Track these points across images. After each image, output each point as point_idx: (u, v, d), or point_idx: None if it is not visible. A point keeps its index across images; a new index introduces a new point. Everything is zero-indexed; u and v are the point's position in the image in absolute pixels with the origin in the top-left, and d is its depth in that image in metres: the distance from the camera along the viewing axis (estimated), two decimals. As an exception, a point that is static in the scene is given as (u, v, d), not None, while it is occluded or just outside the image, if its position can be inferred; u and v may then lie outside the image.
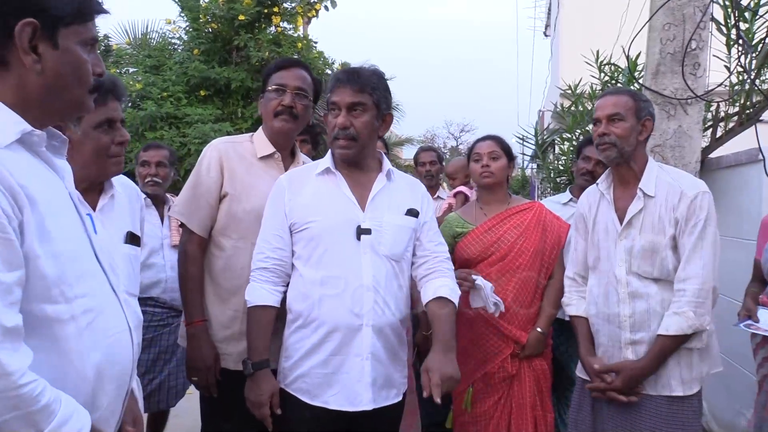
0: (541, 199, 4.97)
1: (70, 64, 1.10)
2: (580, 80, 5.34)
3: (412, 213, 2.03)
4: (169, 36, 9.51)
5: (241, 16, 8.25)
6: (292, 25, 9.11)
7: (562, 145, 6.05)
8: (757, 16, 3.40)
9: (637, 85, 3.73)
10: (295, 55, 8.27)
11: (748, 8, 3.42)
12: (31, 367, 0.97)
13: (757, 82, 3.44)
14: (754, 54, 3.36)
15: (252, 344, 1.93)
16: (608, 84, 4.58)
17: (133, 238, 1.83)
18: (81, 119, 1.66)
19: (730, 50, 3.48)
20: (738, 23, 3.39)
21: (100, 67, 1.17)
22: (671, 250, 2.10)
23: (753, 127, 3.39)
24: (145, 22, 9.86)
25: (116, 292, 1.20)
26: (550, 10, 17.98)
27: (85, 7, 1.12)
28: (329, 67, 8.99)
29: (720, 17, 3.47)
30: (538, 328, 2.50)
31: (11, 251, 0.96)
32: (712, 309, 2.08)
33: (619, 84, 4.42)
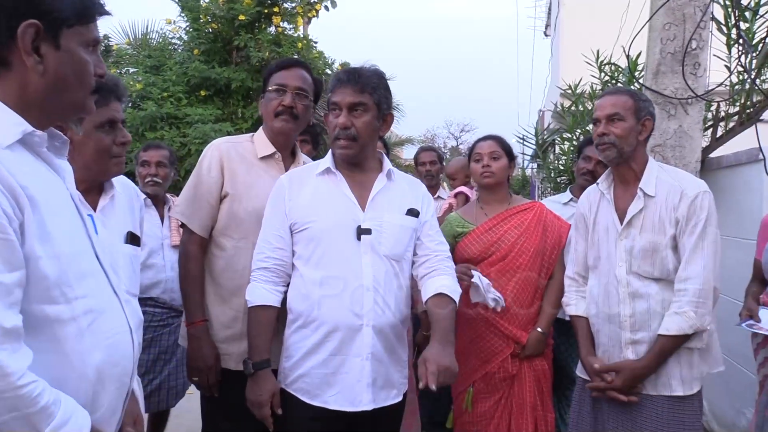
0: (542, 199, 4.97)
1: (72, 66, 1.10)
2: (581, 80, 5.33)
3: (413, 213, 2.02)
4: (169, 36, 9.54)
5: (242, 16, 8.26)
6: (293, 25, 9.12)
7: (563, 145, 6.05)
8: (758, 16, 3.39)
9: (637, 84, 3.73)
10: (296, 55, 8.28)
11: (748, 8, 3.41)
12: (32, 367, 0.97)
13: (758, 82, 3.44)
14: (755, 54, 3.36)
15: (253, 344, 1.93)
16: (608, 84, 4.57)
17: (133, 238, 1.83)
18: (82, 120, 1.65)
19: (730, 50, 3.48)
20: (738, 23, 3.39)
21: (102, 68, 1.18)
22: (671, 249, 2.10)
23: (753, 127, 3.40)
24: (146, 22, 9.90)
25: (117, 293, 1.20)
26: (550, 10, 17.98)
27: (88, 9, 1.12)
28: (329, 67, 9.00)
29: (720, 17, 3.47)
30: (539, 328, 2.50)
31: (11, 252, 0.96)
32: (713, 309, 2.08)
33: (620, 84, 4.41)
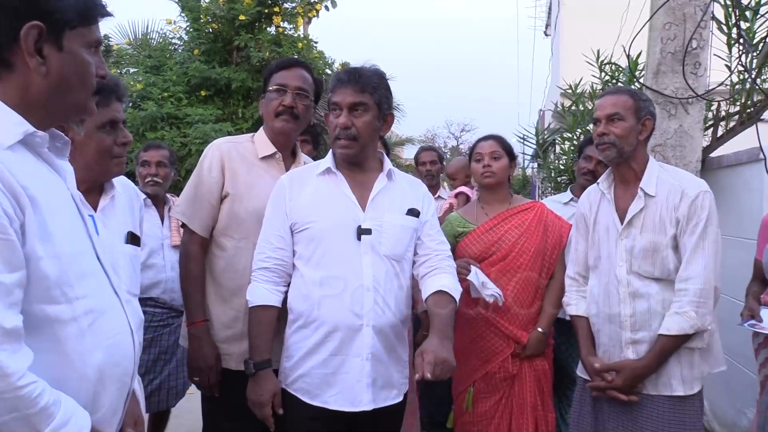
0: (542, 199, 4.97)
1: (75, 67, 1.10)
2: (581, 80, 5.33)
3: (413, 213, 2.02)
4: (169, 36, 9.54)
5: (242, 16, 8.26)
6: (293, 25, 9.12)
7: (563, 145, 6.06)
8: (758, 15, 3.39)
9: (637, 84, 3.73)
10: (296, 55, 8.28)
11: (749, 7, 3.41)
12: (33, 367, 0.97)
13: (758, 82, 3.44)
14: (755, 53, 3.36)
15: (254, 344, 1.93)
16: (609, 83, 4.57)
17: (133, 238, 1.83)
18: (84, 120, 1.66)
19: (730, 49, 3.48)
20: (739, 22, 3.39)
21: (103, 69, 1.18)
22: (672, 249, 2.10)
23: (754, 127, 3.39)
24: (146, 22, 9.90)
25: (117, 293, 1.20)
26: (550, 10, 17.98)
27: (90, 10, 1.12)
28: (329, 67, 9.00)
29: (721, 16, 3.46)
30: (539, 328, 2.50)
31: (12, 252, 0.96)
32: (714, 309, 2.08)
33: (620, 83, 4.41)
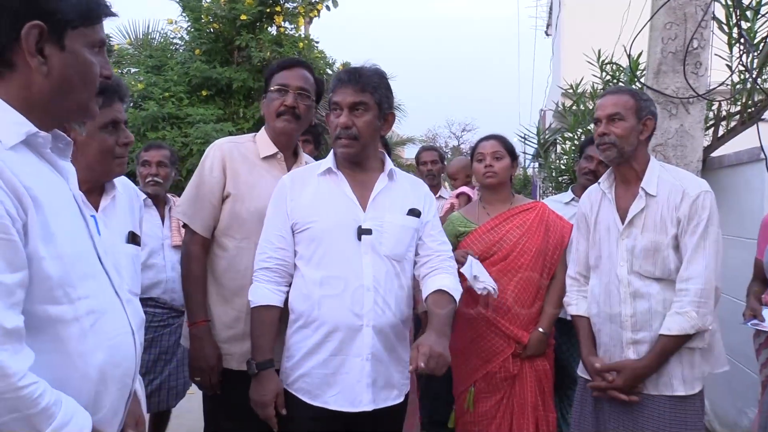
0: (543, 199, 4.97)
1: (77, 67, 1.10)
2: (582, 79, 5.33)
3: (414, 213, 2.02)
4: (170, 36, 9.55)
5: (243, 16, 8.26)
6: (294, 25, 9.13)
7: (564, 145, 6.05)
8: (759, 15, 3.39)
9: (638, 84, 3.73)
10: (297, 55, 8.28)
11: (749, 7, 3.41)
12: (34, 367, 0.97)
13: (759, 81, 3.44)
14: (756, 53, 3.35)
15: (256, 344, 1.93)
16: (610, 83, 4.57)
17: (134, 238, 1.84)
18: (86, 121, 1.66)
19: (731, 49, 3.47)
20: (740, 22, 3.39)
21: (108, 70, 1.17)
22: (673, 249, 2.10)
23: (755, 126, 3.39)
24: (147, 22, 9.92)
25: (119, 294, 1.20)
26: (551, 10, 17.98)
27: (93, 10, 1.12)
28: (330, 67, 9.00)
29: (721, 16, 3.46)
30: (540, 328, 2.50)
31: (14, 253, 0.96)
32: (715, 309, 2.08)
33: (621, 83, 4.41)
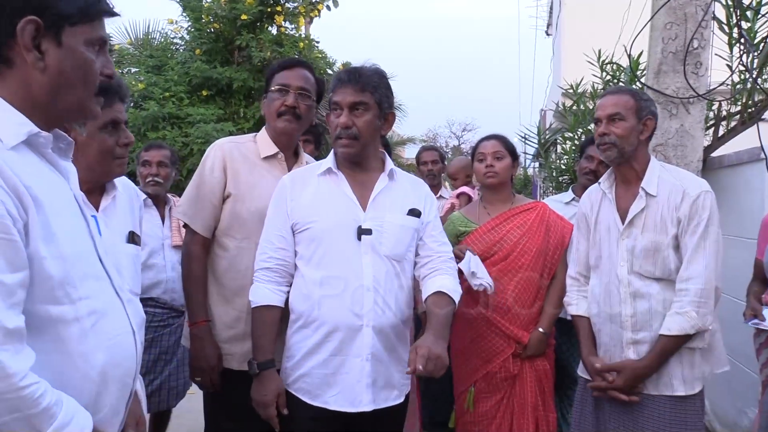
0: (544, 199, 4.97)
1: (75, 63, 1.10)
2: (582, 79, 5.33)
3: (414, 213, 2.02)
4: (171, 36, 9.54)
5: (244, 16, 8.26)
6: (294, 25, 9.12)
7: (565, 145, 6.05)
8: (759, 15, 3.39)
9: (639, 84, 3.73)
10: (297, 55, 8.28)
11: (750, 7, 3.41)
12: (35, 367, 0.97)
13: (759, 81, 3.44)
14: (756, 53, 3.35)
15: (257, 344, 1.93)
16: (610, 83, 4.57)
17: (134, 238, 1.84)
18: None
19: (732, 49, 3.47)
20: (740, 22, 3.39)
21: (110, 69, 1.17)
22: (673, 249, 2.10)
23: (755, 126, 3.39)
24: (147, 21, 9.89)
25: (119, 294, 1.20)
26: (551, 9, 17.97)
27: (92, 7, 1.12)
28: (331, 67, 9.00)
29: (722, 16, 3.46)
30: (540, 328, 2.50)
31: (15, 252, 0.96)
32: (715, 309, 2.08)
33: (621, 83, 4.41)
